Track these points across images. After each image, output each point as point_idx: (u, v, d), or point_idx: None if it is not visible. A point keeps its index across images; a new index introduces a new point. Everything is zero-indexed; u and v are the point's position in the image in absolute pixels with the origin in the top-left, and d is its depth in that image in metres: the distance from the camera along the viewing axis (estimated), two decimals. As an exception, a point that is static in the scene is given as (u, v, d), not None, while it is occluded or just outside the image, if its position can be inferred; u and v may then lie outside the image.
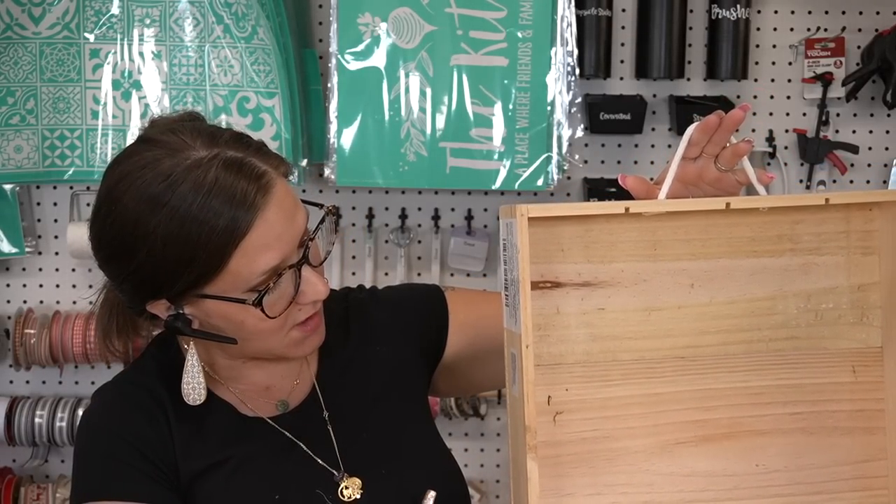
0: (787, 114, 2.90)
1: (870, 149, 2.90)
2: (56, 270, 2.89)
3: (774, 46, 2.88)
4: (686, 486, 1.27)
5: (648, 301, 1.26)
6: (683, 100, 2.84)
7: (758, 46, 2.87)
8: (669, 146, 2.89)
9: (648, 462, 1.26)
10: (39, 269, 2.89)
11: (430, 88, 2.69)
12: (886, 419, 1.30)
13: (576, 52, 2.70)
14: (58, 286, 2.89)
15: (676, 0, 2.78)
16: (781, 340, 1.29)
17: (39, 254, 2.88)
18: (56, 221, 2.88)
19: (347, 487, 1.45)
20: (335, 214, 2.79)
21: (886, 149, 2.91)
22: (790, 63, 2.88)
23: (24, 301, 2.87)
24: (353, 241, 2.90)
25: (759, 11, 2.86)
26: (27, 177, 2.76)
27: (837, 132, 2.89)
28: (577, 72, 2.71)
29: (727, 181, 1.33)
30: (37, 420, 2.79)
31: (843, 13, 2.87)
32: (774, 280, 1.28)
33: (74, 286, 2.88)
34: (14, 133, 2.72)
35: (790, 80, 2.89)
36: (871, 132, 2.90)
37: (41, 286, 2.89)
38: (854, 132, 2.90)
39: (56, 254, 2.88)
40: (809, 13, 2.87)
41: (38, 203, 2.88)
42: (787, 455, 1.29)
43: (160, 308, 1.39)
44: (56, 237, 2.88)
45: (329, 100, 2.71)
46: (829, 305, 1.30)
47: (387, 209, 2.90)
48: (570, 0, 2.68)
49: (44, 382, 2.91)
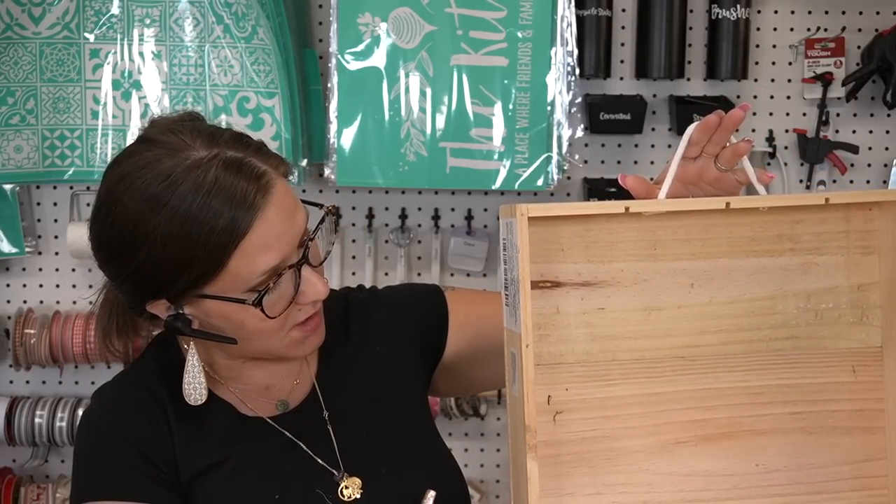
0: (787, 114, 2.90)
1: (870, 149, 2.90)
2: (56, 270, 2.88)
3: (774, 46, 2.88)
4: (686, 486, 1.27)
5: (648, 301, 1.26)
6: (683, 100, 2.83)
7: (758, 46, 2.87)
8: (669, 146, 2.89)
9: (648, 462, 1.26)
10: (39, 269, 2.89)
11: (430, 88, 2.69)
12: (886, 419, 1.30)
13: (576, 52, 2.70)
14: (58, 286, 2.88)
15: (676, 0, 2.78)
16: (781, 340, 1.29)
17: (39, 254, 2.88)
18: (56, 221, 2.88)
19: (347, 487, 1.45)
20: (335, 214, 2.78)
21: (886, 149, 2.90)
22: (790, 63, 2.88)
23: (24, 301, 2.87)
24: (353, 241, 2.90)
25: (759, 11, 2.86)
26: (27, 177, 2.76)
27: (837, 132, 2.88)
28: (577, 72, 2.71)
29: (727, 181, 1.33)
30: (37, 420, 2.79)
31: (843, 13, 2.86)
32: (774, 280, 1.28)
33: (74, 286, 2.87)
34: (14, 133, 2.72)
35: (790, 80, 2.89)
36: (871, 132, 2.90)
37: (41, 286, 2.89)
38: (854, 132, 2.89)
39: (56, 254, 2.88)
40: (809, 13, 2.86)
41: (38, 203, 2.87)
42: (787, 455, 1.29)
43: (160, 308, 1.39)
44: (56, 237, 2.88)
45: (329, 100, 2.71)
46: (829, 305, 1.30)
47: (387, 209, 2.90)
48: (570, 0, 2.68)
49: (44, 382, 2.91)
